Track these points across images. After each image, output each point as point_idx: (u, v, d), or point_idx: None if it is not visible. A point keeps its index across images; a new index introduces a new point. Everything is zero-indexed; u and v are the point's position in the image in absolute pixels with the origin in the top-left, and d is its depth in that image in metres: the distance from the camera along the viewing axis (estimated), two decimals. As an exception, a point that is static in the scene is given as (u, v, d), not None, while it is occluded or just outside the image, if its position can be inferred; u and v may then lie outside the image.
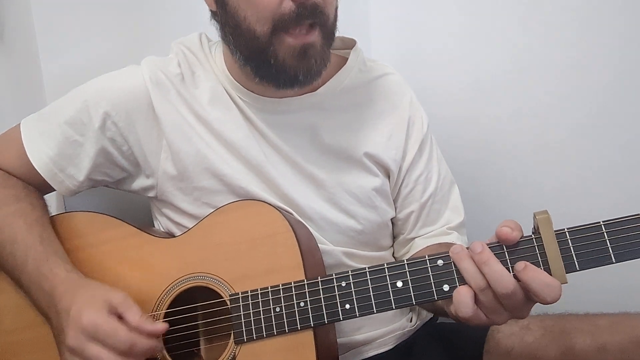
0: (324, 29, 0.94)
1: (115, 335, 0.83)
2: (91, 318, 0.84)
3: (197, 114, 1.02)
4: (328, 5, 0.93)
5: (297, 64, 0.94)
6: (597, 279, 0.85)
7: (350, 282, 0.87)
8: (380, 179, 1.08)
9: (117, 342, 0.83)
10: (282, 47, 0.93)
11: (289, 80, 0.96)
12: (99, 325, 0.84)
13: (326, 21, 0.94)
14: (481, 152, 1.42)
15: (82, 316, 0.85)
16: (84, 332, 0.84)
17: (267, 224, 0.93)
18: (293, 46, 0.92)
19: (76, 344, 0.84)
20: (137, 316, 0.86)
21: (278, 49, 0.93)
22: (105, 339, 0.83)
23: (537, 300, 0.78)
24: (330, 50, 1.09)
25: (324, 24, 0.94)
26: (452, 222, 1.11)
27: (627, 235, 0.77)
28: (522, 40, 1.34)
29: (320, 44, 0.94)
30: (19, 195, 1.01)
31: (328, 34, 0.96)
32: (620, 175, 1.27)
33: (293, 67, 0.94)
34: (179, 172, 1.02)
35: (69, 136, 1.02)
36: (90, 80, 1.04)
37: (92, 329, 0.84)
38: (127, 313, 0.86)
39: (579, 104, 1.29)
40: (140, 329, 0.85)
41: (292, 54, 0.93)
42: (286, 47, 0.92)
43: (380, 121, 1.09)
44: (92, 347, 0.84)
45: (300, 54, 0.93)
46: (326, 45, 0.96)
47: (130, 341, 0.84)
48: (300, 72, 0.94)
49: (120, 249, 0.98)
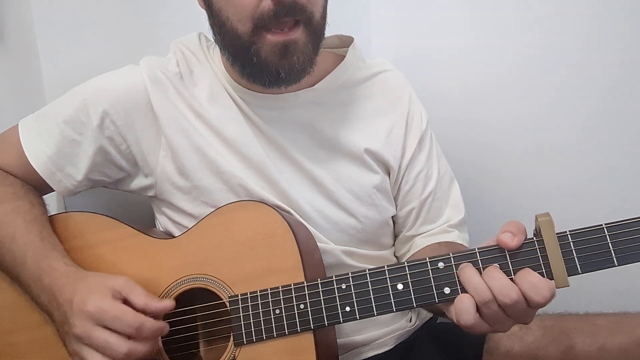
0: (308, 26, 0.93)
1: (122, 319, 0.83)
2: (96, 304, 0.84)
3: (196, 111, 1.02)
4: (312, 3, 0.93)
5: (278, 61, 0.93)
6: (598, 279, 0.85)
7: (350, 284, 0.86)
8: (380, 176, 1.08)
9: (124, 325, 0.83)
10: (264, 45, 0.92)
11: (274, 79, 0.96)
12: (104, 310, 0.84)
13: (310, 18, 0.93)
14: (482, 152, 1.42)
15: (87, 303, 0.85)
16: (90, 318, 0.84)
17: (266, 225, 0.93)
18: (274, 43, 0.92)
19: (83, 331, 0.84)
20: (143, 296, 0.86)
21: (260, 47, 0.92)
22: (112, 323, 0.83)
23: (529, 302, 0.78)
24: (329, 49, 1.09)
25: (308, 22, 0.93)
26: (452, 220, 1.11)
27: (630, 238, 0.77)
28: (522, 41, 1.33)
29: (303, 41, 0.93)
30: (18, 193, 1.01)
31: (314, 31, 0.95)
32: (622, 177, 1.27)
33: (275, 65, 0.93)
34: (178, 171, 1.02)
35: (68, 135, 1.01)
36: (89, 79, 1.04)
37: (98, 314, 0.84)
38: (132, 295, 0.86)
39: (580, 105, 1.29)
40: (147, 309, 0.85)
41: (274, 51, 0.92)
42: (268, 45, 0.92)
43: (379, 117, 1.09)
44: (99, 333, 0.83)
45: (282, 50, 0.92)
46: (311, 43, 0.95)
47: (137, 323, 0.84)
48: (282, 69, 0.94)
49: (119, 250, 0.98)
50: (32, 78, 1.22)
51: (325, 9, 0.98)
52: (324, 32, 0.98)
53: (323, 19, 0.97)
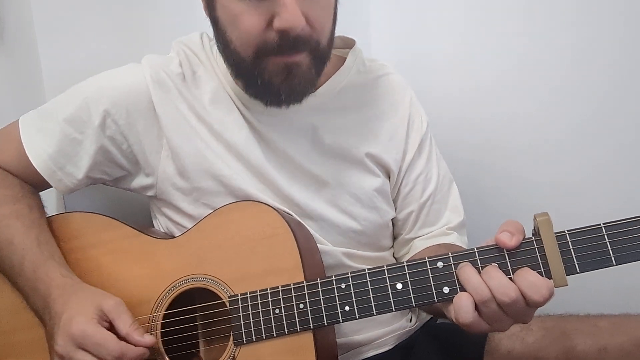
0: (313, 52, 0.92)
1: (103, 345, 0.84)
2: (80, 327, 0.85)
3: (198, 114, 1.02)
4: (318, 32, 0.91)
5: (280, 82, 0.93)
6: (598, 279, 0.85)
7: (349, 283, 0.86)
8: (381, 179, 1.08)
9: (104, 352, 0.84)
10: (267, 68, 0.92)
11: (275, 99, 0.96)
12: (88, 335, 0.84)
13: (315, 47, 0.92)
14: (481, 153, 1.42)
15: (72, 324, 0.85)
16: (72, 340, 0.85)
17: (266, 224, 0.93)
18: (277, 63, 0.91)
19: (65, 351, 0.85)
20: (128, 325, 0.86)
21: (264, 70, 0.92)
22: (93, 349, 0.84)
23: (528, 301, 0.78)
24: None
25: (313, 49, 0.92)
26: (451, 223, 1.11)
27: (628, 238, 0.77)
28: (522, 41, 1.33)
29: (306, 65, 0.92)
30: (17, 196, 1.00)
31: (318, 57, 0.93)
32: (621, 176, 1.27)
33: (277, 86, 0.93)
34: (178, 172, 1.02)
35: (68, 134, 1.01)
36: (91, 77, 1.04)
37: (81, 338, 0.84)
38: (118, 321, 0.87)
39: (580, 105, 1.29)
40: (128, 340, 0.85)
41: (277, 73, 0.92)
42: (271, 67, 0.92)
43: (380, 121, 1.09)
44: (80, 356, 0.84)
45: (284, 71, 0.92)
46: (315, 67, 0.94)
47: (119, 351, 0.84)
48: (283, 91, 0.94)
49: (119, 250, 0.98)
50: (32, 78, 1.22)
51: (333, 33, 0.97)
52: (329, 56, 0.97)
53: (330, 43, 0.96)
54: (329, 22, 0.94)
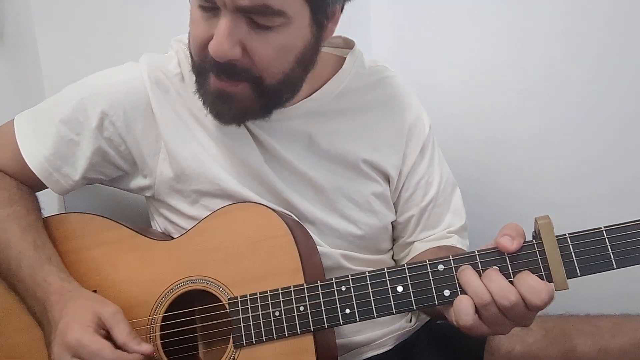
0: (256, 86, 0.90)
1: (99, 355, 0.83)
2: (76, 336, 0.84)
3: (195, 116, 1.01)
4: (259, 69, 0.88)
5: (210, 102, 0.92)
6: (598, 280, 0.85)
7: (350, 286, 0.86)
8: (379, 184, 1.07)
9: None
10: (208, 82, 0.91)
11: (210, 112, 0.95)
12: (83, 345, 0.84)
13: (257, 82, 0.89)
14: (482, 152, 1.42)
15: (68, 332, 0.85)
16: (68, 349, 0.84)
17: (265, 226, 0.93)
18: (215, 85, 0.90)
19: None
20: (124, 333, 0.86)
21: (205, 81, 0.92)
22: (89, 358, 0.83)
23: (528, 305, 0.78)
24: (332, 48, 1.08)
25: (255, 83, 0.89)
26: (453, 226, 1.10)
27: (629, 241, 0.77)
28: (522, 42, 1.33)
29: (247, 97, 0.90)
30: (13, 198, 1.00)
31: (265, 93, 0.91)
32: (622, 176, 1.26)
33: (208, 103, 0.93)
34: (176, 174, 1.01)
35: (65, 135, 1.00)
36: (87, 76, 1.03)
37: (76, 347, 0.84)
38: (115, 329, 0.86)
39: (579, 104, 1.29)
40: (125, 349, 0.85)
41: (212, 92, 0.91)
42: (211, 84, 0.91)
43: (379, 126, 1.07)
44: None
45: (219, 95, 0.91)
46: (259, 100, 0.91)
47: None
48: (211, 111, 0.93)
49: (117, 252, 0.98)
50: (32, 78, 1.22)
51: (291, 76, 0.92)
52: (287, 94, 0.95)
53: (286, 84, 0.92)
54: (282, 64, 0.90)
